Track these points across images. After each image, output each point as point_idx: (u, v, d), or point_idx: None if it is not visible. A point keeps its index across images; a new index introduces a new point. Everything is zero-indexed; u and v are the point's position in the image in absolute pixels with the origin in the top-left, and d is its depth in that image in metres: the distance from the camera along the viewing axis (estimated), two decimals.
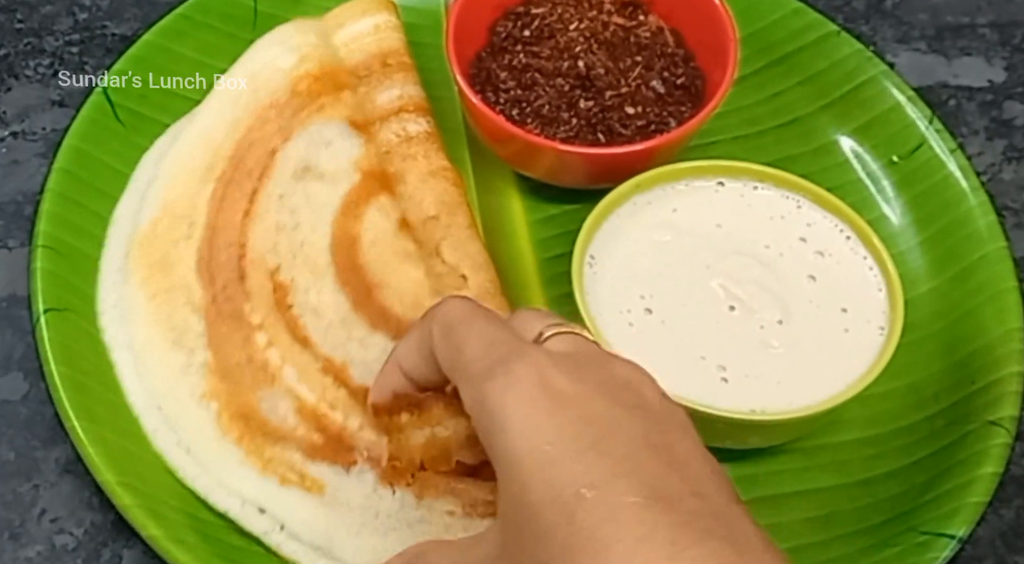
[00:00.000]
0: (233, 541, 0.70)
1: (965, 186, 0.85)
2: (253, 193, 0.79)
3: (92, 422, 0.71)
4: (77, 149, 0.82)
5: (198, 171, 0.80)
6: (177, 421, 0.73)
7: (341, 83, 0.84)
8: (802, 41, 0.92)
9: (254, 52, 0.85)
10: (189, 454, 0.72)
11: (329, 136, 0.81)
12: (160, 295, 0.76)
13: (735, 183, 0.81)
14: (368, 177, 0.80)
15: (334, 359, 0.74)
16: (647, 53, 0.85)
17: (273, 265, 0.77)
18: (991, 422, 0.75)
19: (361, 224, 0.79)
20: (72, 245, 0.79)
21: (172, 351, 0.74)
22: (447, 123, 0.88)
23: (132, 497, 0.69)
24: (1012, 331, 0.79)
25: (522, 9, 0.87)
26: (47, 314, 0.75)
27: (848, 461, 0.77)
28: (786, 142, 0.90)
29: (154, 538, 0.67)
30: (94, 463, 0.70)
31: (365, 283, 0.77)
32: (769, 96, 0.92)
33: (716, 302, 0.75)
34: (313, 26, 0.86)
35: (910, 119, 0.88)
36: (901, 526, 0.73)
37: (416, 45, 0.90)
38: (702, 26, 0.86)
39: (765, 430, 0.74)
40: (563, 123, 0.83)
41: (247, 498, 0.70)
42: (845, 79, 0.90)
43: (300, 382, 0.73)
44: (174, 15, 0.89)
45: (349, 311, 0.76)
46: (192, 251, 0.78)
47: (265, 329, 0.75)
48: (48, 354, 0.73)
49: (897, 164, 0.88)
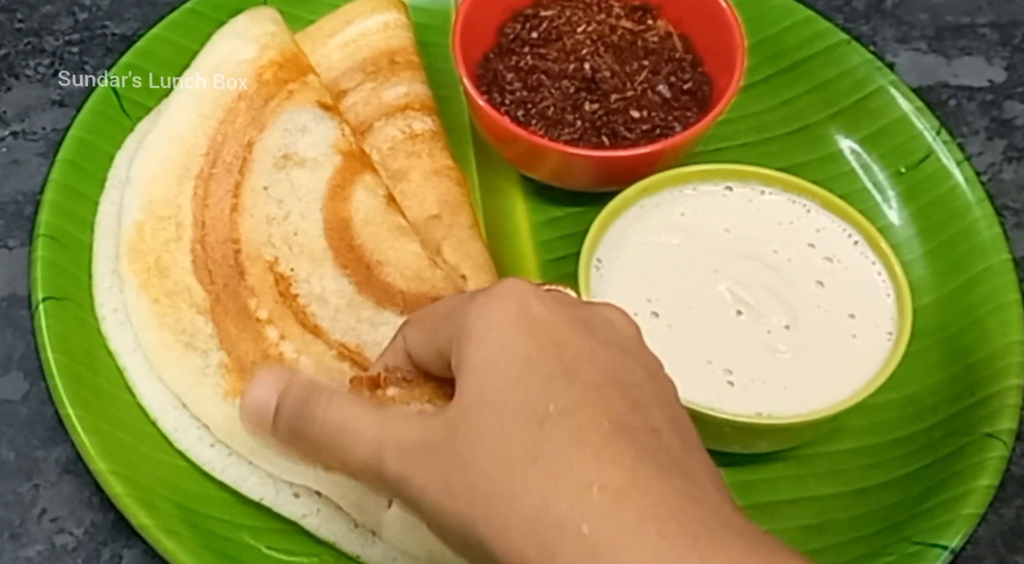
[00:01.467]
0: (223, 532, 0.70)
1: (971, 198, 0.85)
2: (236, 187, 0.79)
3: (88, 412, 0.71)
4: (82, 140, 0.82)
5: (174, 170, 0.80)
6: (206, 418, 0.72)
7: (304, 67, 0.84)
8: (812, 49, 0.92)
9: (213, 47, 0.85)
10: (214, 448, 0.72)
11: (303, 121, 0.82)
12: (163, 299, 0.76)
13: (743, 187, 0.80)
14: (349, 157, 0.81)
15: (348, 344, 0.74)
16: (654, 57, 0.85)
17: (271, 257, 0.77)
18: (989, 434, 0.75)
19: (351, 205, 0.79)
20: (74, 235, 0.78)
21: (186, 354, 0.74)
22: (453, 123, 0.88)
23: (124, 486, 0.69)
24: (1013, 344, 0.79)
25: (531, 11, 0.87)
26: (45, 303, 0.74)
27: (844, 470, 0.77)
28: (794, 150, 0.89)
29: (145, 527, 0.67)
30: (88, 452, 0.70)
31: (364, 263, 0.77)
32: (778, 103, 0.92)
33: (723, 306, 0.75)
34: (267, 14, 0.86)
35: (917, 129, 0.88)
36: (895, 536, 0.73)
37: (425, 44, 0.90)
38: (711, 32, 0.86)
39: (772, 435, 0.74)
40: (567, 125, 0.82)
41: (296, 483, 0.70)
42: (854, 88, 0.90)
43: (319, 371, 0.73)
44: (183, 9, 0.89)
45: (354, 294, 0.76)
46: (185, 253, 0.77)
47: (274, 323, 0.75)
48: (45, 342, 0.73)
49: (904, 174, 0.87)
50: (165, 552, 0.67)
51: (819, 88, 0.91)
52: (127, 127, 0.83)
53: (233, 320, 0.75)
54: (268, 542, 0.70)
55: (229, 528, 0.70)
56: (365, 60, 0.87)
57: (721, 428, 0.71)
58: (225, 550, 0.69)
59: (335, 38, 0.88)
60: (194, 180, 0.79)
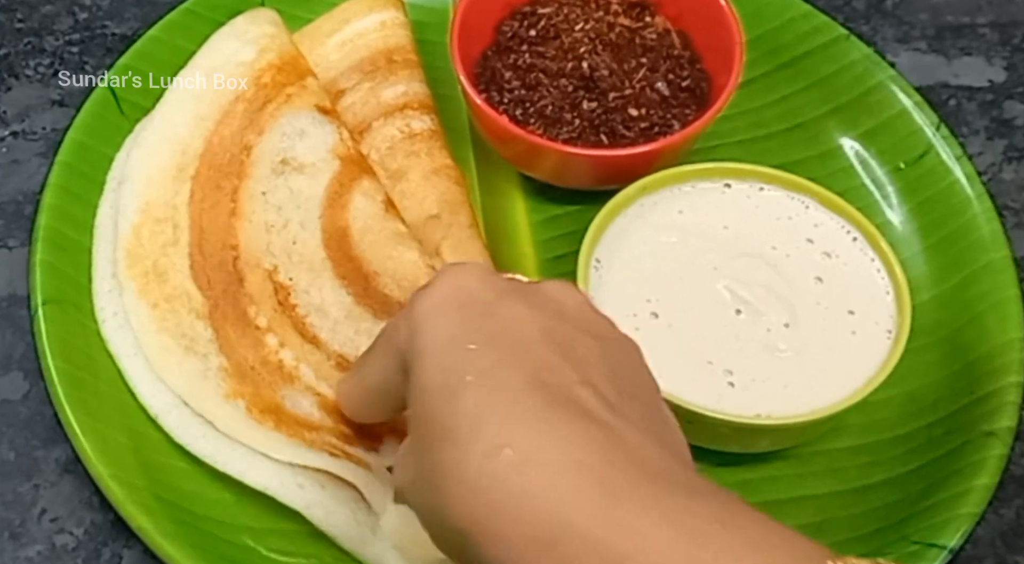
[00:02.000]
0: (223, 534, 0.70)
1: (970, 193, 0.84)
2: (234, 192, 0.79)
3: (88, 416, 0.71)
4: (80, 143, 0.81)
5: (170, 172, 0.80)
6: (209, 414, 0.72)
7: (303, 70, 0.84)
8: (811, 45, 0.92)
9: (211, 47, 0.85)
10: (216, 442, 0.71)
11: (301, 126, 0.81)
12: (162, 304, 0.76)
13: (742, 184, 0.80)
14: (347, 163, 0.81)
15: (346, 355, 0.74)
16: (652, 55, 0.85)
17: (270, 266, 0.77)
18: (988, 433, 0.74)
19: (349, 213, 0.79)
20: (73, 238, 0.78)
21: (187, 357, 0.74)
22: (452, 122, 0.88)
23: (124, 490, 0.69)
24: (1013, 341, 0.78)
25: (529, 9, 0.87)
26: (45, 306, 0.74)
27: (844, 468, 0.77)
28: (792, 146, 0.89)
29: (143, 530, 0.67)
30: (88, 456, 0.69)
31: (363, 274, 0.77)
32: (776, 99, 0.91)
33: (723, 305, 0.75)
34: (267, 16, 0.86)
35: (917, 125, 0.88)
36: (894, 535, 0.73)
37: (423, 43, 0.90)
38: (709, 28, 0.85)
39: (772, 434, 0.74)
40: (566, 124, 0.82)
41: (302, 464, 0.70)
42: (853, 83, 0.90)
43: (318, 379, 0.73)
44: (181, 10, 0.88)
45: (352, 305, 0.76)
46: (183, 257, 0.77)
47: (274, 331, 0.75)
48: (45, 347, 0.73)
49: (903, 170, 0.87)
50: (164, 555, 0.67)
51: (818, 84, 0.91)
52: (125, 129, 0.83)
53: (232, 326, 0.75)
54: (268, 544, 0.70)
55: (229, 530, 0.70)
56: (363, 59, 0.87)
57: (720, 429, 0.71)
58: (224, 552, 0.69)
59: (333, 37, 0.88)
60: (190, 182, 0.79)
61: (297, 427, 0.71)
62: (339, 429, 0.72)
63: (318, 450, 0.70)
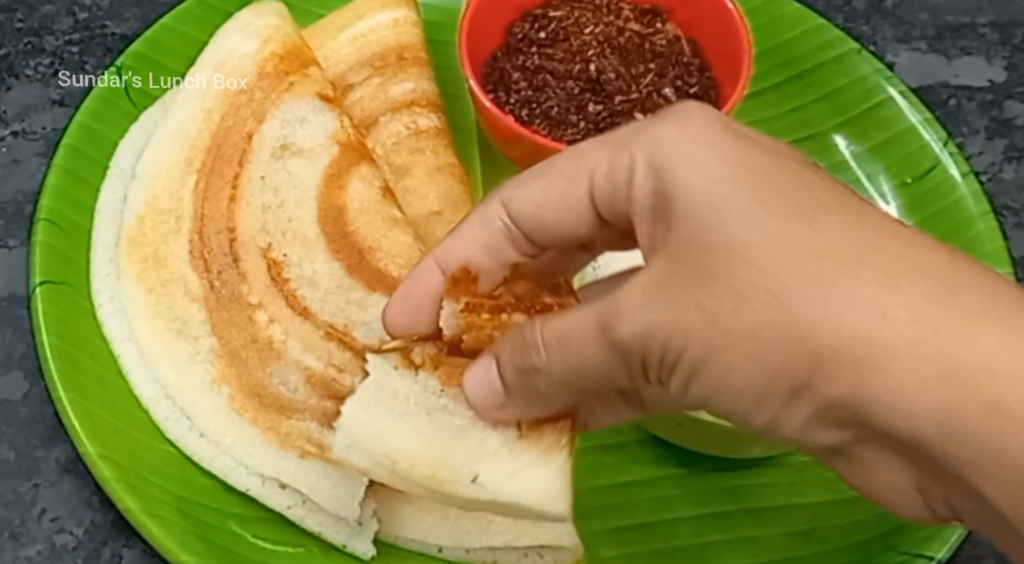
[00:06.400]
0: (210, 520, 0.70)
1: (975, 211, 0.84)
2: (235, 178, 0.79)
3: (80, 395, 0.71)
4: (87, 127, 0.82)
5: (178, 165, 0.80)
6: (191, 408, 0.73)
7: (307, 59, 0.85)
8: (822, 57, 0.92)
9: (217, 42, 0.85)
10: (203, 438, 0.72)
11: (302, 113, 0.82)
12: (157, 289, 0.76)
13: None
14: (346, 149, 0.81)
15: (336, 324, 0.74)
16: (661, 60, 0.85)
17: (264, 244, 0.77)
18: None
19: (346, 194, 0.79)
20: (74, 221, 0.79)
21: (177, 341, 0.74)
22: (459, 122, 0.88)
23: (112, 470, 0.69)
24: None
25: (540, 11, 0.87)
26: (42, 286, 0.75)
27: (835, 478, 0.74)
28: None
29: (130, 511, 0.68)
30: (77, 435, 0.70)
31: (357, 248, 0.77)
32: (786, 110, 0.91)
33: None
34: (272, 8, 0.87)
35: (925, 140, 0.88)
36: (881, 545, 0.73)
37: (435, 42, 0.90)
38: (720, 37, 0.85)
39: (766, 441, 0.73)
40: (571, 126, 0.82)
41: (268, 476, 0.70)
42: (863, 97, 0.90)
43: (305, 352, 0.73)
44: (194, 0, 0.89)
45: (344, 277, 0.76)
46: (183, 243, 0.78)
47: (264, 307, 0.75)
48: (41, 325, 0.73)
49: (910, 185, 0.87)
50: (150, 537, 0.67)
51: (828, 96, 0.91)
52: (133, 116, 0.84)
53: (226, 306, 0.75)
54: (255, 531, 0.71)
55: (216, 516, 0.70)
56: (373, 55, 0.87)
57: (715, 434, 0.71)
58: (211, 537, 0.69)
59: (345, 32, 0.89)
60: (196, 174, 0.80)
61: (276, 415, 0.71)
62: (322, 406, 0.71)
63: (289, 449, 0.70)
